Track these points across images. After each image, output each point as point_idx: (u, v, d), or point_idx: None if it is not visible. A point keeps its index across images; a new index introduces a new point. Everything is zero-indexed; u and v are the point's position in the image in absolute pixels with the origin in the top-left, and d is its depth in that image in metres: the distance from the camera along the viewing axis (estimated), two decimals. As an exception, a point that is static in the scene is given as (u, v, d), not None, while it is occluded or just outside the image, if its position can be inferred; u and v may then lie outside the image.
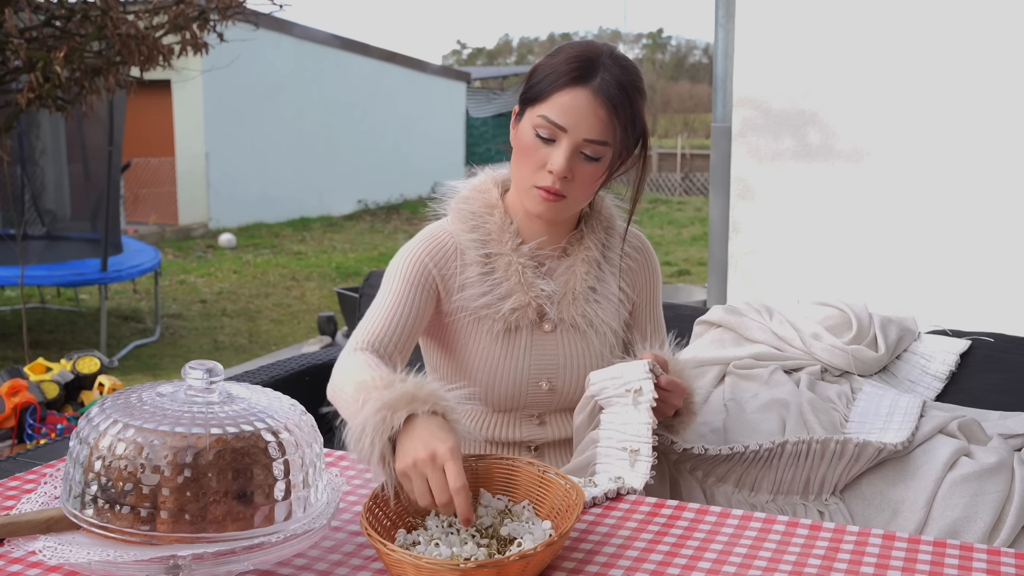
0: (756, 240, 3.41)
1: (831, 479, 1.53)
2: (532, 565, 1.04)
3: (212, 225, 12.39)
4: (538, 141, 1.44)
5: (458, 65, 33.59)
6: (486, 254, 1.53)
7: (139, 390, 1.07)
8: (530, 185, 1.47)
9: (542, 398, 1.56)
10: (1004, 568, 1.11)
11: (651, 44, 44.19)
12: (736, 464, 1.50)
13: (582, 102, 1.41)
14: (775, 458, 1.50)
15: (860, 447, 1.51)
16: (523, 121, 1.48)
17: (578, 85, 1.41)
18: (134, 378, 5.51)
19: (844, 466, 1.53)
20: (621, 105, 1.42)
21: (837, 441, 1.51)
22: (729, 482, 1.52)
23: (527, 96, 1.47)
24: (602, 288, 1.58)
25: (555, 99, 1.42)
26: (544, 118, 1.42)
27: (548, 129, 1.43)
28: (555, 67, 1.43)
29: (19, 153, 6.79)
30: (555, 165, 1.42)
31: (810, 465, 1.51)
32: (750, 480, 1.52)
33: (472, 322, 1.54)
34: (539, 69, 1.46)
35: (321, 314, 6.58)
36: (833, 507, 1.52)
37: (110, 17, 4.13)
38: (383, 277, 1.57)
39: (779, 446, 1.50)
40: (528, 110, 1.46)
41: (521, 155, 1.47)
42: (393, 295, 1.51)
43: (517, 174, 1.50)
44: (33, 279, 6.12)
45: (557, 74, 1.42)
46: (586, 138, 1.42)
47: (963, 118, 3.05)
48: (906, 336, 2.05)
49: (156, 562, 0.95)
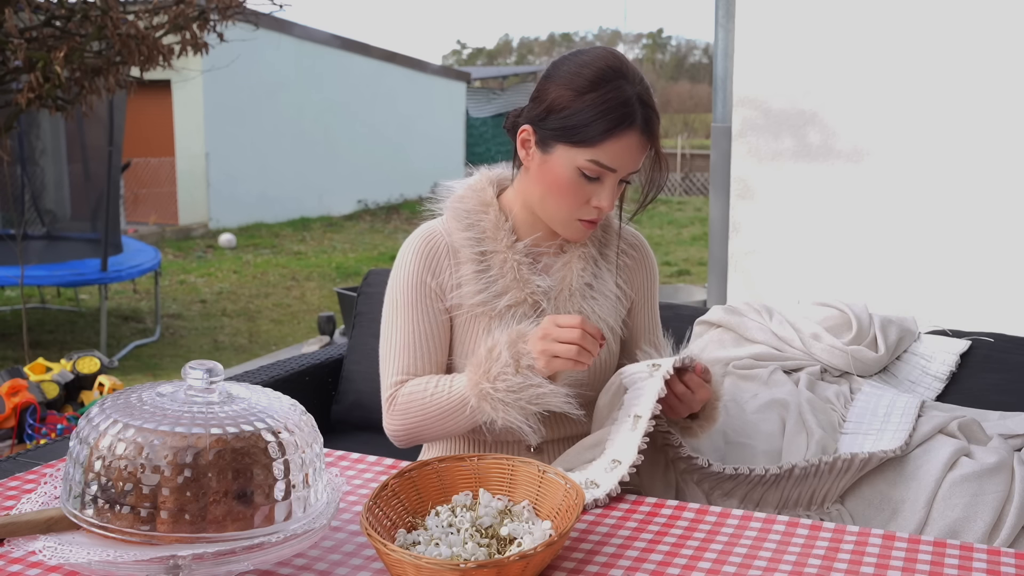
0: (756, 240, 3.41)
1: (834, 491, 1.54)
2: (532, 565, 1.04)
3: (212, 225, 12.39)
4: (582, 180, 1.45)
5: (458, 65, 33.58)
6: (481, 252, 1.54)
7: (139, 390, 1.07)
8: (572, 219, 1.50)
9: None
10: (1004, 568, 1.11)
11: (651, 44, 44.19)
12: (742, 483, 1.50)
13: (633, 145, 1.44)
14: (783, 479, 1.51)
15: (864, 461, 1.52)
16: (558, 158, 1.45)
17: (627, 130, 1.42)
18: (134, 378, 5.51)
19: (849, 478, 1.53)
20: (655, 133, 1.46)
21: (844, 460, 1.51)
22: (735, 497, 1.52)
23: (562, 137, 1.44)
24: (599, 285, 1.58)
25: (607, 146, 1.42)
26: (595, 163, 1.43)
27: (597, 171, 1.44)
28: (593, 112, 1.41)
29: (19, 153, 6.79)
30: (605, 202, 1.47)
31: (816, 482, 1.52)
32: (756, 497, 1.52)
33: (469, 319, 1.54)
34: (569, 108, 1.43)
35: (321, 314, 6.58)
36: (835, 514, 1.53)
37: (110, 17, 4.13)
38: (385, 300, 1.58)
39: (786, 471, 1.50)
40: (564, 147, 1.44)
41: (560, 191, 1.47)
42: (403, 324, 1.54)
43: (554, 207, 1.49)
44: (33, 279, 6.11)
45: (601, 121, 1.41)
46: (630, 171, 1.47)
47: (963, 118, 3.05)
48: (906, 337, 2.04)
49: (156, 562, 0.95)
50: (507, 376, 1.39)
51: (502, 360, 1.39)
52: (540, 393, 1.39)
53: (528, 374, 1.39)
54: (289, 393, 1.17)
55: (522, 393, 1.39)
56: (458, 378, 1.47)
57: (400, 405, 1.51)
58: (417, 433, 1.52)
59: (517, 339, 1.41)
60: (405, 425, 1.52)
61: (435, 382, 1.49)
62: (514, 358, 1.39)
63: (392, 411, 1.53)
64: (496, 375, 1.39)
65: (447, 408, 1.47)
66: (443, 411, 1.47)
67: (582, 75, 1.43)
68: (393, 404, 1.53)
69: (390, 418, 1.54)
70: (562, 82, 1.44)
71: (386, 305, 1.58)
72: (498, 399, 1.40)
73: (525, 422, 1.40)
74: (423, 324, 1.54)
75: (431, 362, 1.54)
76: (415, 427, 1.51)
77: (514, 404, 1.39)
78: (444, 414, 1.47)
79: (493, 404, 1.40)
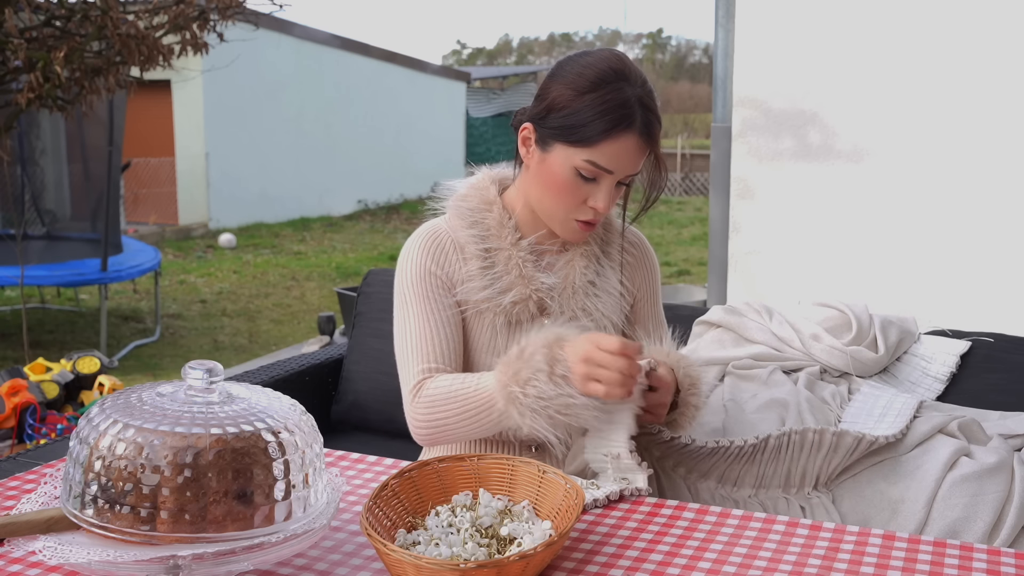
0: (756, 240, 3.42)
1: (811, 471, 1.53)
2: (532, 565, 1.04)
3: (212, 225, 12.39)
4: (579, 180, 1.45)
5: (458, 65, 33.59)
6: (486, 249, 1.54)
7: (139, 390, 1.07)
8: (569, 218, 1.50)
9: None
10: (1004, 568, 1.11)
11: (651, 44, 44.19)
12: (719, 460, 1.50)
13: (631, 147, 1.43)
14: (758, 452, 1.51)
15: (838, 436, 1.51)
16: (556, 156, 1.46)
17: (625, 131, 1.41)
18: (134, 378, 5.51)
19: (824, 457, 1.52)
20: (655, 137, 1.45)
21: (815, 432, 1.51)
22: (712, 478, 1.52)
23: (560, 136, 1.44)
24: (602, 282, 1.59)
25: (604, 147, 1.42)
26: (591, 163, 1.43)
27: (593, 172, 1.44)
28: (592, 112, 1.41)
29: (19, 153, 6.79)
30: (601, 204, 1.46)
31: (790, 457, 1.52)
32: (733, 475, 1.52)
33: (474, 316, 1.54)
34: (568, 107, 1.43)
35: (321, 314, 6.58)
36: (815, 501, 1.52)
37: (110, 17, 4.13)
38: (395, 298, 1.56)
39: (762, 441, 1.50)
40: (562, 146, 1.44)
41: (557, 190, 1.47)
42: (417, 318, 1.52)
43: (551, 206, 1.50)
44: (33, 279, 6.11)
45: (599, 121, 1.41)
46: (628, 174, 1.46)
47: (963, 118, 3.06)
48: (906, 338, 2.04)
49: (156, 562, 0.95)
50: (538, 383, 1.33)
51: (534, 364, 1.33)
52: (571, 404, 1.33)
53: (561, 383, 1.32)
54: (289, 393, 1.17)
55: (552, 401, 1.33)
56: (485, 377, 1.42)
57: (426, 397, 1.46)
58: (441, 429, 1.46)
59: (554, 343, 1.35)
60: (430, 419, 1.46)
61: (462, 379, 1.44)
62: (548, 363, 1.33)
63: (416, 402, 1.48)
64: (527, 379, 1.33)
65: (474, 407, 1.42)
66: (469, 410, 1.43)
67: (584, 75, 1.43)
68: (418, 395, 1.48)
69: (414, 410, 1.48)
70: (564, 82, 1.44)
71: (396, 302, 1.56)
72: (527, 405, 1.34)
73: (552, 431, 1.34)
74: (436, 313, 1.52)
75: (451, 351, 1.51)
76: (440, 423, 1.46)
77: (542, 412, 1.33)
78: (470, 413, 1.43)
79: (521, 410, 1.34)
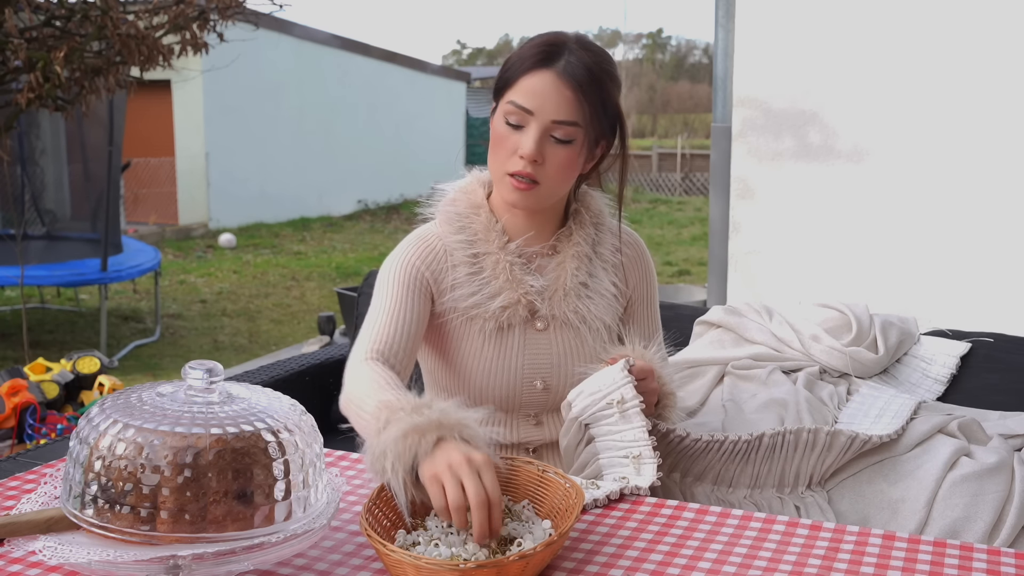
0: (756, 240, 3.42)
1: (805, 471, 1.52)
2: (532, 565, 1.04)
3: (212, 225, 12.39)
4: (508, 128, 1.46)
5: (458, 65, 33.56)
6: (473, 254, 1.53)
7: (139, 390, 1.07)
8: (503, 173, 1.48)
9: (537, 398, 1.56)
10: (1004, 568, 1.11)
11: (651, 44, 44.14)
12: (714, 459, 1.50)
13: (548, 84, 1.43)
14: (752, 451, 1.50)
15: (832, 436, 1.51)
16: (496, 115, 1.49)
17: (543, 68, 1.43)
18: (134, 378, 5.51)
19: (818, 456, 1.52)
20: (588, 85, 1.43)
21: (809, 431, 1.51)
22: (707, 480, 1.52)
23: (498, 86, 1.49)
24: (594, 284, 1.57)
25: (521, 84, 1.44)
26: (512, 103, 1.44)
27: (517, 115, 1.44)
28: (522, 54, 1.46)
29: (19, 153, 6.79)
30: (525, 149, 1.43)
31: (784, 457, 1.51)
32: (728, 476, 1.51)
33: (463, 323, 1.53)
34: (509, 59, 1.48)
35: (321, 314, 6.58)
36: (810, 500, 1.51)
37: (110, 17, 4.13)
38: (376, 284, 1.56)
39: (756, 439, 1.50)
40: (499, 100, 1.48)
41: (494, 145, 1.49)
42: (391, 301, 1.51)
43: (492, 164, 1.51)
44: (33, 279, 6.12)
45: (523, 59, 1.45)
46: (554, 119, 1.43)
47: (963, 118, 3.06)
48: (907, 339, 2.04)
49: (156, 562, 0.95)
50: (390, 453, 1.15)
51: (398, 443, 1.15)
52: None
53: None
54: (289, 393, 1.17)
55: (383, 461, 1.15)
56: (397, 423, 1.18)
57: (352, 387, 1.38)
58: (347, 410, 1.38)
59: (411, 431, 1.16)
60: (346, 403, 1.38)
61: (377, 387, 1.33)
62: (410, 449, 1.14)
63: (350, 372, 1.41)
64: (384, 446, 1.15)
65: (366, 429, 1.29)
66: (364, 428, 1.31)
67: (533, 38, 1.48)
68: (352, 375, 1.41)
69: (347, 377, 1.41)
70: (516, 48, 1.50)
71: (379, 279, 1.55)
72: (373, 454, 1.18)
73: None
74: (404, 307, 1.49)
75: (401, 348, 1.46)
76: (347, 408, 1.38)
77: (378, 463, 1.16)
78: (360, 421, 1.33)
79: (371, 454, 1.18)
